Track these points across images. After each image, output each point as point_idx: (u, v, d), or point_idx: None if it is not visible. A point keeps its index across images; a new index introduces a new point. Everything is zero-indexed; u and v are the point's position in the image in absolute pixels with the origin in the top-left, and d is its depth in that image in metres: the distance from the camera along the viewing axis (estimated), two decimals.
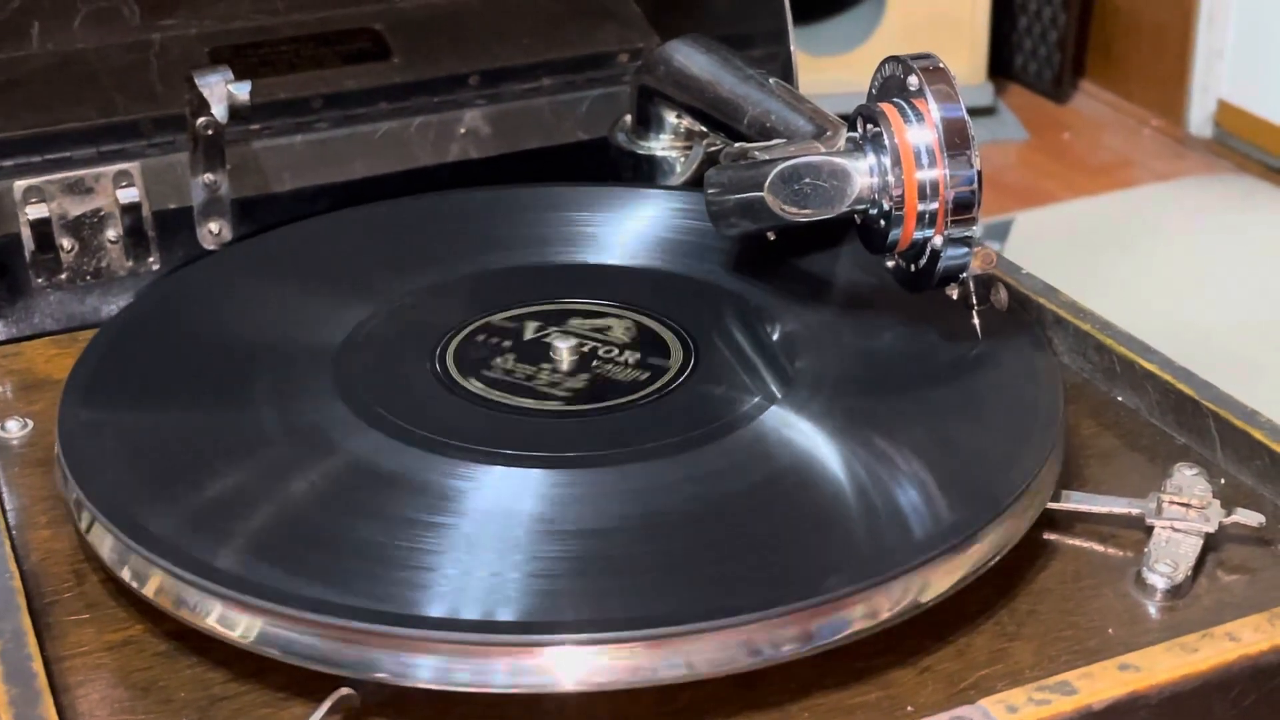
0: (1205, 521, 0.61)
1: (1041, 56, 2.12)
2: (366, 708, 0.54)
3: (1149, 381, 0.69)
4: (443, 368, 0.68)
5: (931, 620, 0.57)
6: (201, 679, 0.56)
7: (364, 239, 0.79)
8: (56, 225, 0.80)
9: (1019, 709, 0.51)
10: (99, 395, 0.66)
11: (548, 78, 0.93)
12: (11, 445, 0.69)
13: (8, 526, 0.62)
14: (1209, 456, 0.67)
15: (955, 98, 0.64)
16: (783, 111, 0.74)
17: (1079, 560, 0.61)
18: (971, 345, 0.68)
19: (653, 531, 0.58)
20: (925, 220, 0.64)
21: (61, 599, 0.60)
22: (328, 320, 0.71)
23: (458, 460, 0.61)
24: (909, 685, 0.55)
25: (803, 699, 0.55)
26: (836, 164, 0.65)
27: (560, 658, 0.53)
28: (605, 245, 0.78)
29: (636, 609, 0.54)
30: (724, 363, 0.69)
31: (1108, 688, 0.52)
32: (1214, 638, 0.54)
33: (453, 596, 0.55)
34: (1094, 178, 1.92)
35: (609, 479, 0.61)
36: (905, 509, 0.59)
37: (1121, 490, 0.64)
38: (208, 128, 0.79)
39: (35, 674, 0.53)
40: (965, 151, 0.63)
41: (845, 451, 0.62)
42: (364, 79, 0.89)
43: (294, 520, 0.59)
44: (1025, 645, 0.57)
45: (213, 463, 0.62)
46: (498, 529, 0.58)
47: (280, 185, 0.85)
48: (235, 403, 0.66)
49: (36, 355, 0.77)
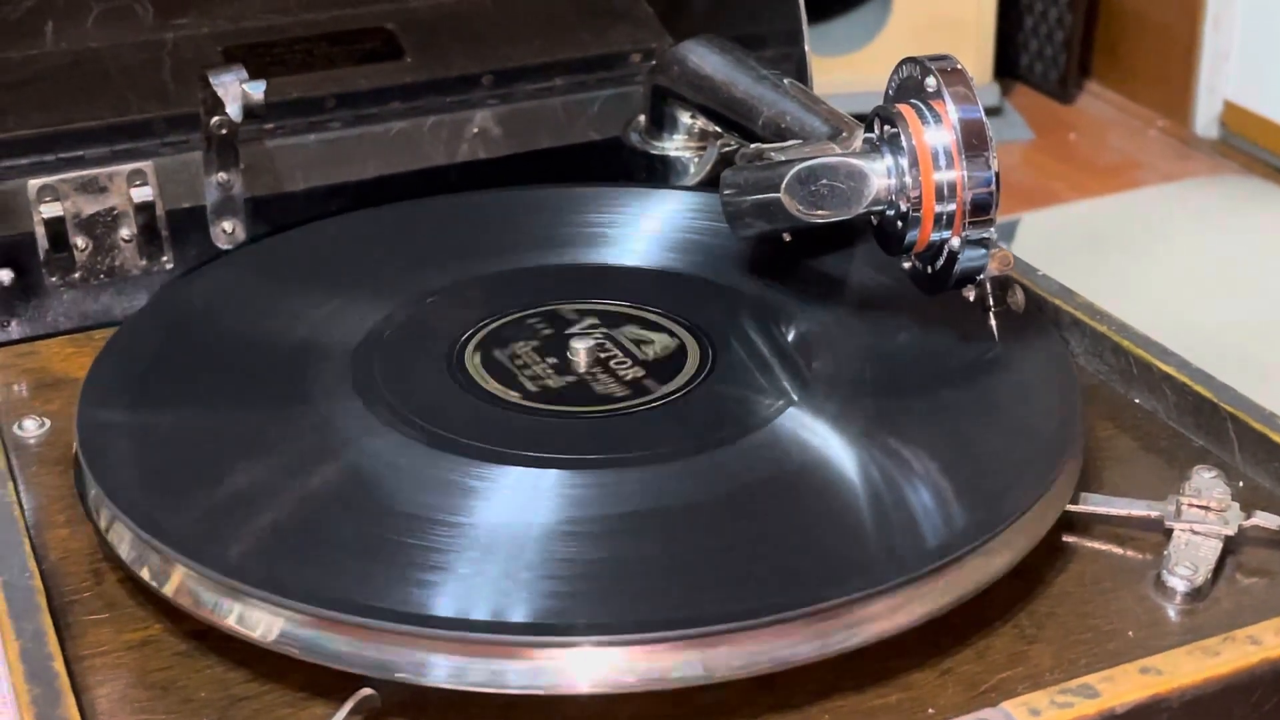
0: (1224, 524, 0.60)
1: (1047, 57, 2.12)
2: (387, 708, 0.54)
3: (1166, 384, 0.69)
4: (460, 368, 0.68)
5: (951, 622, 0.57)
6: (221, 679, 0.56)
7: (380, 239, 0.79)
8: (70, 224, 0.80)
9: (1041, 712, 0.51)
10: (118, 394, 0.66)
11: (560, 78, 0.93)
12: (29, 444, 0.69)
13: (26, 526, 0.62)
14: (1227, 459, 0.67)
15: (973, 99, 0.64)
16: (798, 112, 0.74)
17: (1098, 563, 0.61)
18: (989, 347, 0.68)
19: (671, 533, 0.58)
20: (942, 222, 0.64)
21: (80, 598, 0.60)
22: (345, 319, 0.71)
23: (476, 460, 0.61)
24: (929, 687, 0.55)
25: (823, 701, 0.55)
26: (854, 165, 0.65)
27: (580, 659, 0.53)
28: (621, 246, 0.78)
29: (657, 611, 0.54)
30: (741, 364, 0.68)
31: (1130, 691, 0.52)
32: (1235, 641, 0.54)
33: (472, 597, 0.55)
34: (1100, 178, 1.92)
35: (628, 480, 0.61)
36: (924, 512, 0.59)
37: (1139, 493, 0.63)
38: (222, 127, 0.79)
39: (57, 674, 0.53)
40: (983, 153, 0.63)
41: (863, 454, 0.62)
42: (376, 79, 0.89)
43: (313, 519, 0.59)
44: (1045, 648, 0.57)
45: (231, 462, 0.62)
46: (516, 530, 0.58)
47: (293, 184, 0.85)
48: (254, 401, 0.66)
49: (52, 354, 0.77)
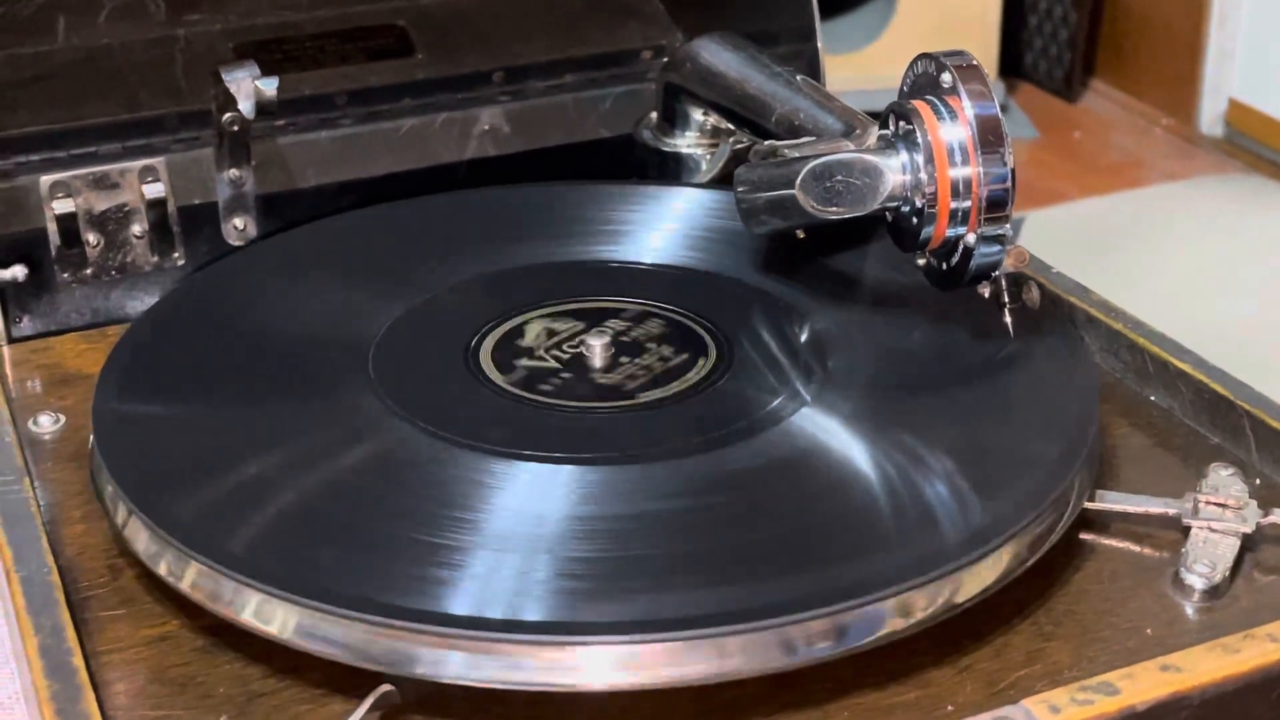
0: (1242, 522, 0.60)
1: (1052, 55, 2.12)
2: (406, 705, 0.54)
3: (1182, 381, 0.69)
4: (475, 364, 0.68)
5: (969, 620, 0.57)
6: (239, 674, 0.56)
7: (393, 235, 0.79)
8: (82, 220, 0.80)
9: (1061, 709, 0.51)
10: (133, 389, 0.66)
11: (571, 75, 0.93)
12: (44, 440, 0.69)
13: (42, 522, 0.62)
14: (1243, 457, 0.66)
15: (989, 95, 0.64)
16: (812, 109, 0.74)
17: (1115, 560, 0.61)
18: (1004, 344, 0.68)
19: (688, 531, 0.58)
20: (958, 218, 0.64)
21: (97, 594, 0.60)
22: (359, 316, 0.71)
23: (493, 457, 0.61)
24: (948, 685, 0.55)
25: (841, 698, 0.55)
26: (868, 161, 0.65)
27: (597, 657, 0.53)
28: (635, 243, 0.78)
29: (674, 609, 0.54)
30: (756, 361, 0.68)
31: (1150, 688, 0.52)
32: (1255, 638, 0.54)
33: (490, 593, 0.55)
34: (1105, 177, 1.92)
35: (643, 477, 0.61)
36: (942, 509, 0.59)
37: (1155, 491, 0.63)
38: (234, 123, 0.79)
39: (76, 669, 0.53)
40: (999, 149, 0.63)
41: (880, 451, 0.62)
42: (388, 75, 0.89)
43: (330, 515, 0.59)
44: (1063, 645, 0.57)
45: (247, 457, 0.62)
46: (533, 527, 0.58)
47: (305, 181, 0.85)
48: (269, 397, 0.66)
49: (66, 350, 0.77)
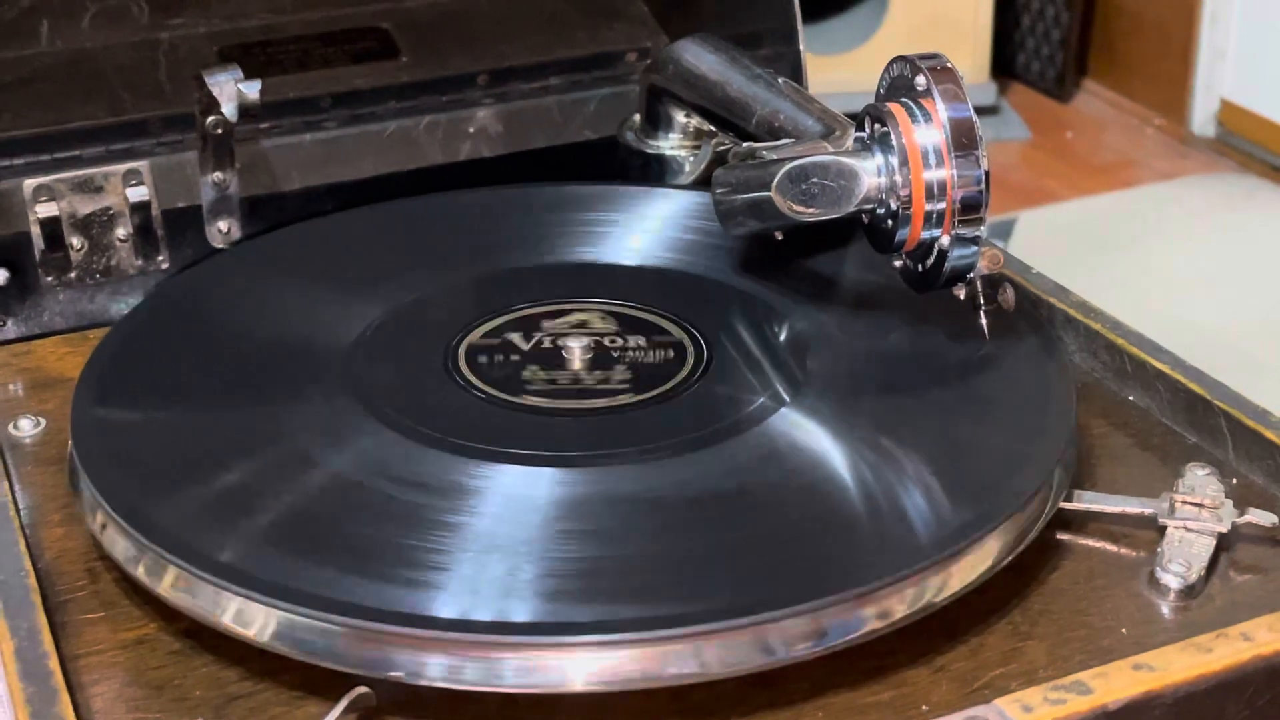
0: (1218, 521, 0.61)
1: (1044, 55, 2.12)
2: (382, 707, 0.54)
3: (1160, 381, 0.69)
4: (454, 366, 0.68)
5: (944, 620, 0.57)
6: (216, 677, 0.56)
7: (374, 238, 0.80)
8: (66, 224, 0.80)
9: (1034, 709, 0.51)
10: (112, 393, 0.67)
11: (555, 77, 0.93)
12: (24, 444, 0.69)
13: (21, 525, 0.62)
14: (1220, 456, 0.67)
15: (963, 97, 0.64)
16: (791, 111, 0.74)
17: (1091, 560, 0.62)
18: (982, 344, 0.68)
19: (664, 531, 0.58)
20: (933, 220, 0.64)
21: (75, 597, 0.60)
22: (339, 318, 0.71)
23: (470, 459, 0.61)
24: (922, 684, 0.56)
25: (816, 698, 0.55)
26: (844, 164, 0.65)
27: (573, 658, 0.53)
28: (615, 245, 0.78)
29: (650, 609, 0.54)
30: (734, 363, 0.69)
31: (1123, 687, 0.52)
32: (1228, 638, 0.54)
33: (466, 596, 0.55)
34: (1097, 177, 1.92)
35: (622, 478, 0.61)
36: (918, 509, 0.59)
37: (1133, 490, 0.64)
38: (217, 126, 0.79)
39: (51, 672, 0.53)
40: (973, 151, 0.63)
41: (857, 452, 0.62)
42: (372, 78, 0.89)
43: (308, 518, 0.59)
44: (1038, 645, 0.57)
45: (226, 461, 0.62)
46: (510, 528, 0.58)
47: (289, 184, 0.85)
48: (248, 401, 0.66)
49: (47, 354, 0.77)
